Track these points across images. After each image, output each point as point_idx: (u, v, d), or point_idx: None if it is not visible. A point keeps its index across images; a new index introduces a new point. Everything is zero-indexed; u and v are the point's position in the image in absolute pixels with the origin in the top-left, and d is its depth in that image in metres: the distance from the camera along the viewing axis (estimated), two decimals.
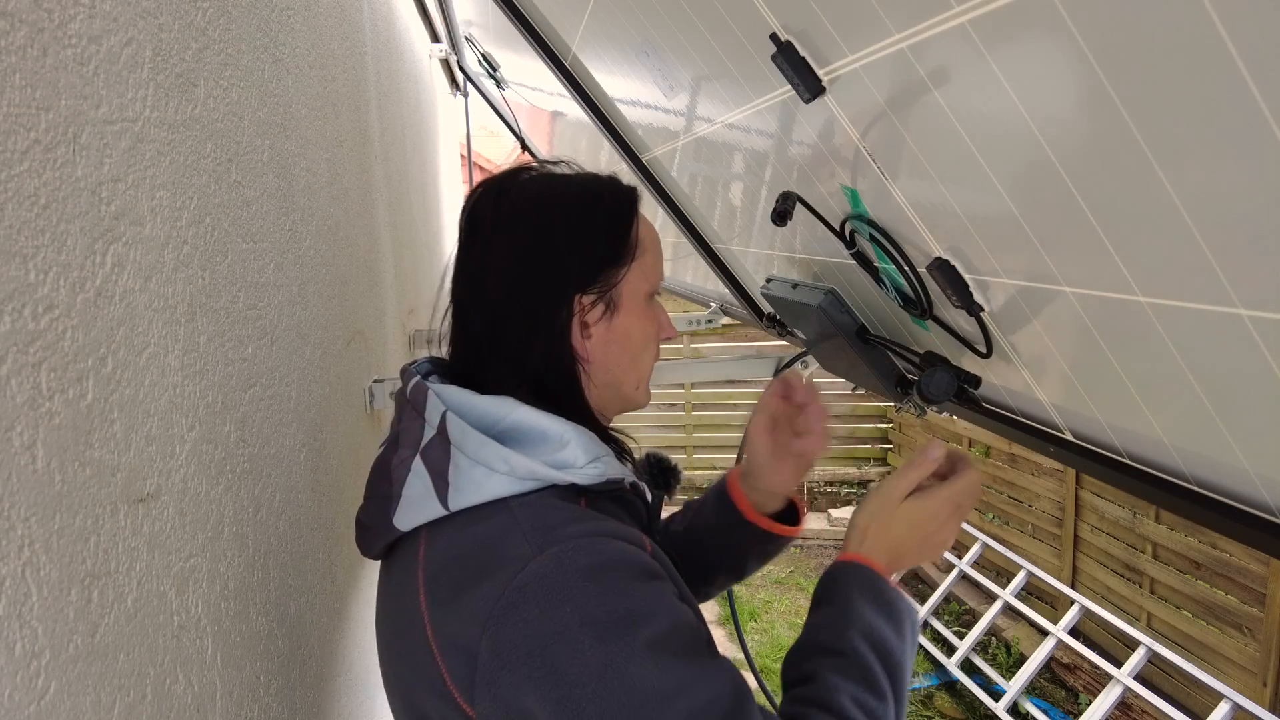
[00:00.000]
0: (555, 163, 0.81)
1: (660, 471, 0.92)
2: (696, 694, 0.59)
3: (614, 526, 0.67)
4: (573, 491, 0.69)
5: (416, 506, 0.68)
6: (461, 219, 0.78)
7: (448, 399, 0.71)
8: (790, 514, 0.98)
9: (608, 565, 0.63)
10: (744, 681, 0.63)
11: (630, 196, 0.80)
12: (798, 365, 1.64)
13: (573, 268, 0.75)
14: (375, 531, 0.73)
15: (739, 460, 1.00)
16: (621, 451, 0.82)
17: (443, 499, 0.67)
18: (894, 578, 0.77)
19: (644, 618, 0.61)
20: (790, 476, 0.95)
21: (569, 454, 0.69)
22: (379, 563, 0.78)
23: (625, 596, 0.62)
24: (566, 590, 0.61)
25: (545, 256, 0.74)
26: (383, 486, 0.72)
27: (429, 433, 0.70)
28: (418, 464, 0.69)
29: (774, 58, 0.88)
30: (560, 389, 0.75)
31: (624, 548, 0.65)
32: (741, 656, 1.11)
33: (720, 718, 0.59)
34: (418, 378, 0.75)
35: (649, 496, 0.80)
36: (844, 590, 0.74)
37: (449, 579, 0.65)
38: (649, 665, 0.59)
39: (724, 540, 0.98)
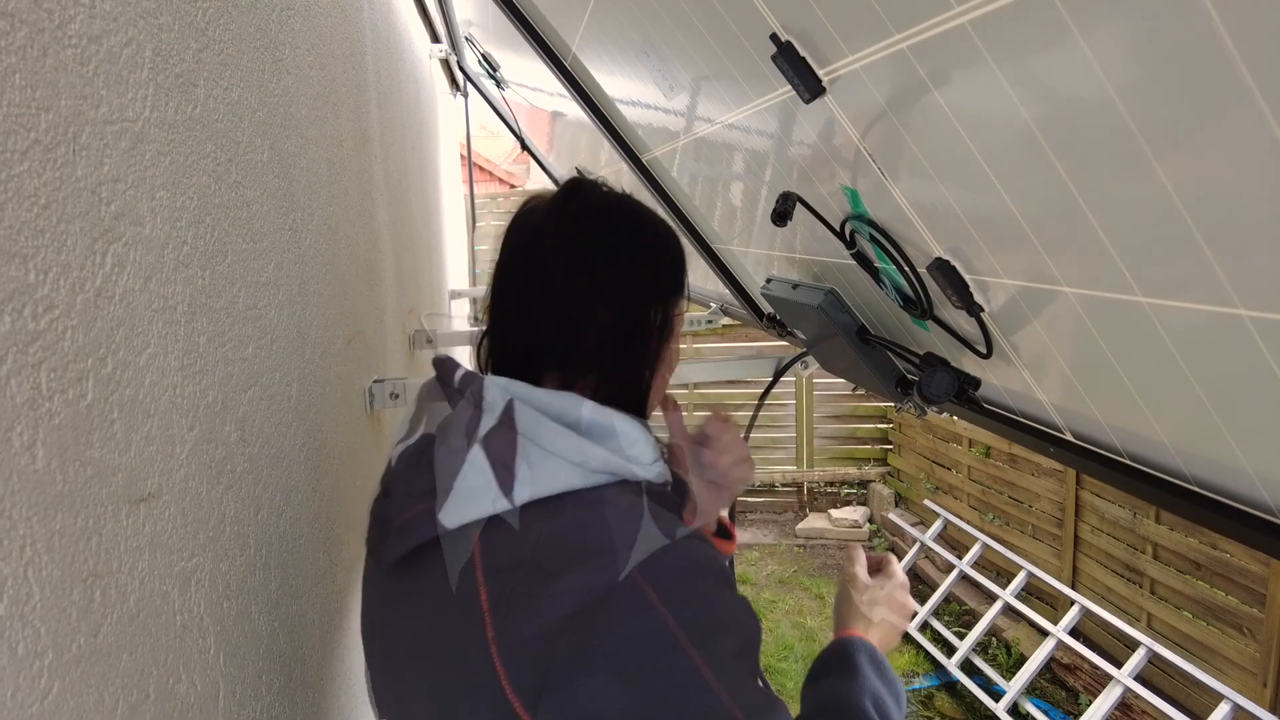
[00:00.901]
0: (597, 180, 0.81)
1: (678, 487, 0.92)
2: (766, 715, 0.57)
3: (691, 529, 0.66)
4: (635, 489, 0.67)
5: (472, 500, 0.63)
6: (524, 220, 0.77)
7: (510, 389, 0.68)
8: (724, 532, 1.00)
9: (700, 568, 0.62)
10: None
11: (677, 236, 0.83)
12: (798, 365, 1.64)
13: (666, 282, 0.77)
14: (409, 531, 0.66)
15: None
16: None
17: (506, 491, 0.62)
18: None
19: (732, 627, 0.60)
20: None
21: (638, 451, 0.68)
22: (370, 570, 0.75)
23: (717, 603, 0.61)
24: (661, 590, 0.58)
25: (657, 270, 0.77)
26: (423, 480, 0.67)
27: (488, 422, 0.66)
28: (476, 453, 0.64)
29: (774, 58, 0.88)
30: (634, 393, 0.75)
31: (711, 551, 0.64)
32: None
33: None
34: (464, 368, 0.72)
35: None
36: (852, 656, 0.79)
37: (522, 577, 0.60)
38: (731, 677, 0.57)
39: None
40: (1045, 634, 4.09)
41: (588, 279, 0.73)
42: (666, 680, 0.56)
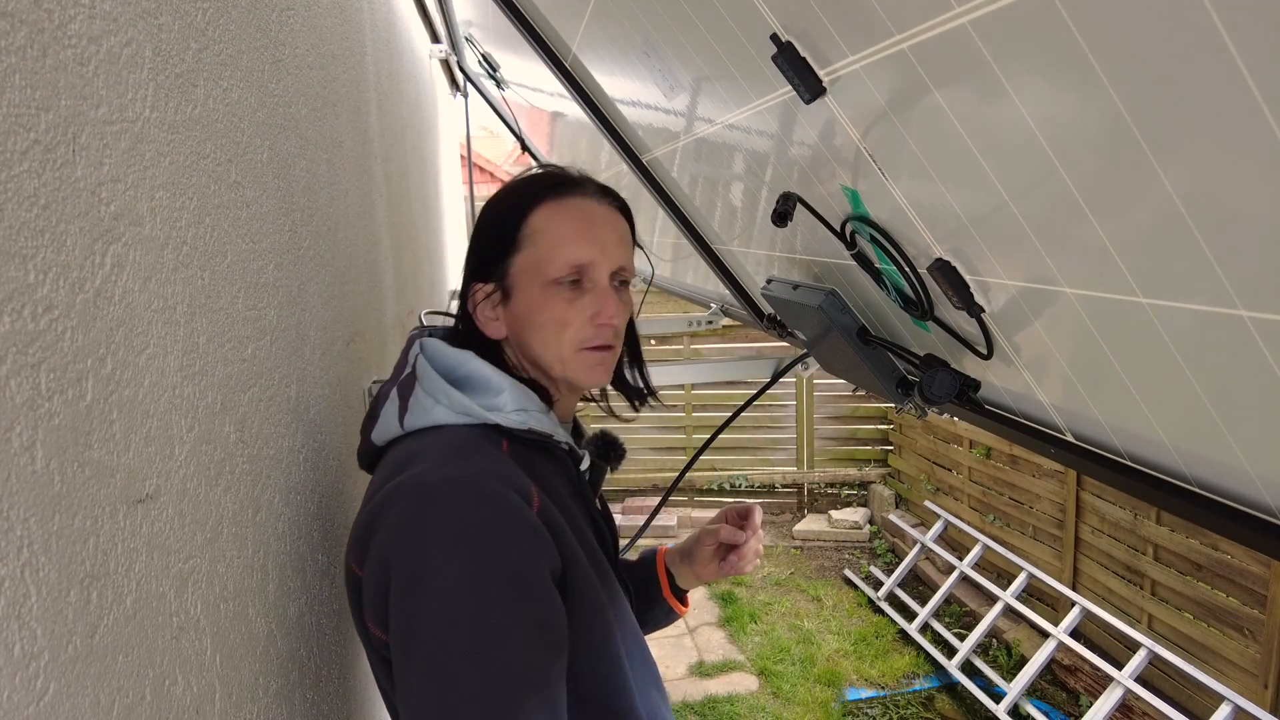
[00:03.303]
0: (545, 166, 0.97)
1: (605, 445, 1.03)
2: (466, 641, 0.68)
3: (509, 470, 0.77)
4: (498, 433, 0.83)
5: (386, 425, 0.86)
6: None
7: (425, 348, 0.88)
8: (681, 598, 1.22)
9: (498, 508, 0.73)
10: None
11: (527, 190, 0.91)
12: (798, 366, 1.64)
13: (470, 259, 0.93)
14: (364, 445, 0.90)
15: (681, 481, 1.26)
16: (577, 428, 1.01)
17: (401, 420, 0.84)
18: None
19: (515, 573, 0.72)
20: (714, 575, 1.19)
21: (500, 400, 0.84)
22: None
23: (504, 542, 0.72)
24: (445, 499, 0.72)
25: (471, 248, 0.94)
26: (375, 409, 0.90)
27: (406, 371, 0.88)
28: (393, 393, 0.87)
29: (774, 58, 0.88)
30: (490, 358, 0.89)
31: (517, 505, 0.74)
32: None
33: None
34: (414, 331, 0.93)
35: (582, 462, 0.93)
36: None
37: (381, 475, 0.82)
38: (486, 606, 0.69)
39: (639, 598, 1.15)
40: (1046, 635, 4.09)
41: (470, 263, 0.93)
42: (432, 564, 0.70)
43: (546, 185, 0.91)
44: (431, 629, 0.68)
